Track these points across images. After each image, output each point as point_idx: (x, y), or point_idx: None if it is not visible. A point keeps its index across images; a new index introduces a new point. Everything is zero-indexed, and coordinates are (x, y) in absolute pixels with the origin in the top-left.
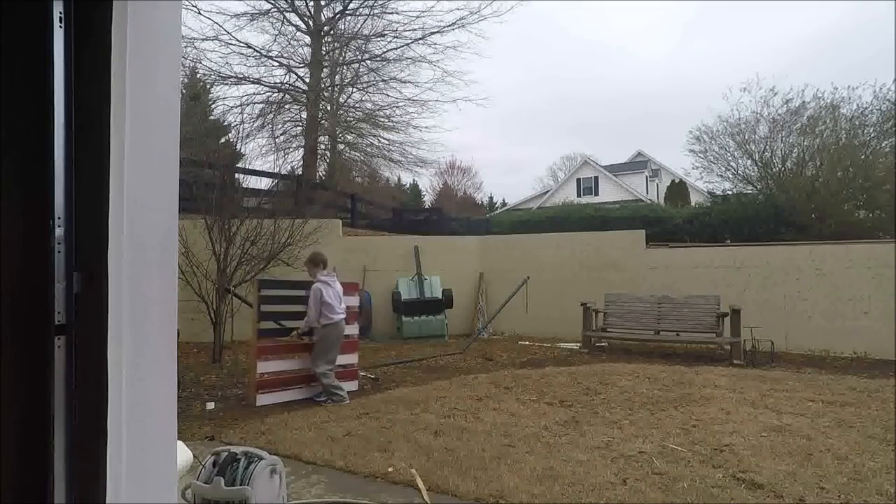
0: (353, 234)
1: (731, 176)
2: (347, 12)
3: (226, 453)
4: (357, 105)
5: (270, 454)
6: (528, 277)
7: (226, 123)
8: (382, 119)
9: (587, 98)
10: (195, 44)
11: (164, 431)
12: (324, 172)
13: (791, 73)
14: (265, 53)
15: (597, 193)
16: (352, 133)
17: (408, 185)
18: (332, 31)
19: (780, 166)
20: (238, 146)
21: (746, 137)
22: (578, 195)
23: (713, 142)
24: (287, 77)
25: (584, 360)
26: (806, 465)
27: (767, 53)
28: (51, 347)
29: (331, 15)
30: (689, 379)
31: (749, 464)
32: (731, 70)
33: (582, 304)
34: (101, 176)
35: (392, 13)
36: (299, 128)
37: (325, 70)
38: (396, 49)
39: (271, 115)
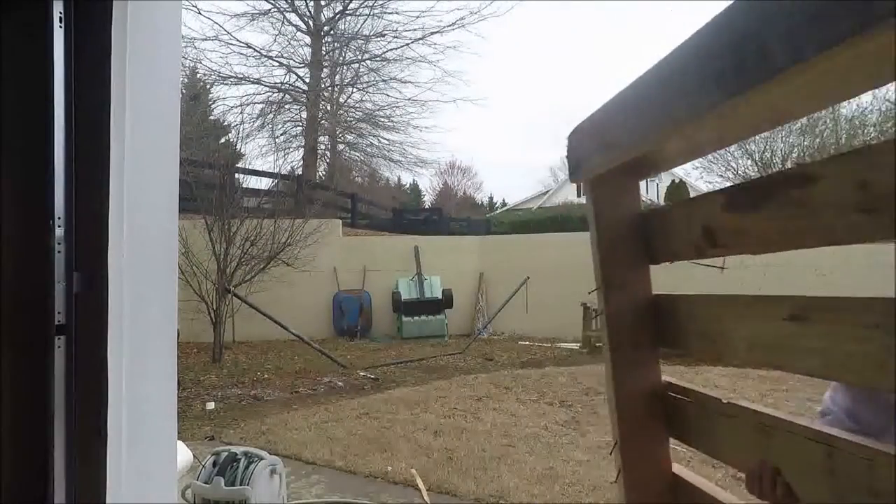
0: (353, 234)
1: (731, 176)
2: (347, 12)
3: (226, 453)
4: (357, 105)
5: (270, 454)
6: (528, 277)
7: (226, 123)
8: (382, 119)
9: (588, 100)
10: (195, 44)
11: (164, 431)
12: (324, 172)
13: None
14: (265, 53)
15: None
16: (352, 133)
17: (408, 185)
18: (332, 31)
19: (780, 166)
20: (238, 146)
21: None
22: (579, 195)
23: None
24: (287, 77)
25: (584, 360)
26: None
27: None
28: (51, 347)
29: (331, 15)
30: (689, 379)
31: None
32: None
33: (582, 305)
34: (101, 176)
35: (392, 13)
36: (299, 128)
37: (325, 70)
38: (396, 49)
39: (271, 115)
